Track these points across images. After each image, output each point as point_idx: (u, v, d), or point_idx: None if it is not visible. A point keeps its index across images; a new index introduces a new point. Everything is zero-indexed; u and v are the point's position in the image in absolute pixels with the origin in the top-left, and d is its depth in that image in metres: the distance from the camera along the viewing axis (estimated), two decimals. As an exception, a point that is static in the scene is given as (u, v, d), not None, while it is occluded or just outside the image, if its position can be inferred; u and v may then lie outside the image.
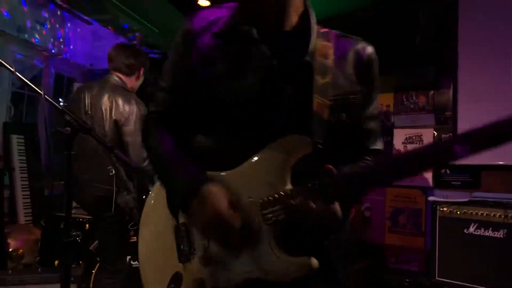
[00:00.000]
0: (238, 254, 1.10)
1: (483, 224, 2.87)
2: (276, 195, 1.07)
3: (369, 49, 1.21)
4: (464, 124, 3.60)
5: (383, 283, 3.29)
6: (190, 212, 1.11)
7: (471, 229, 2.91)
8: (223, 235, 1.08)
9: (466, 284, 2.84)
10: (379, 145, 1.28)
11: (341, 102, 1.15)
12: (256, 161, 1.12)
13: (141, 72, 3.06)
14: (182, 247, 1.18)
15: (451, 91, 3.76)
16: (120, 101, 2.80)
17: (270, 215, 1.07)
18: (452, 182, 3.73)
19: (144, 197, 3.60)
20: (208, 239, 1.13)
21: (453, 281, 2.89)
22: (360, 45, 1.21)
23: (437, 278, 2.95)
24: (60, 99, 5.61)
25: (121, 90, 2.89)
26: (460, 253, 2.90)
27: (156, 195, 1.32)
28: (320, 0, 1.40)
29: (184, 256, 1.18)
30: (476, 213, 2.92)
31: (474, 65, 3.59)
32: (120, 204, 2.80)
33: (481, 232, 2.87)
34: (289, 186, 1.08)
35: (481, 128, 0.92)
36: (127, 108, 2.79)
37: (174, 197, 1.19)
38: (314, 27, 1.18)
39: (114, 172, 2.76)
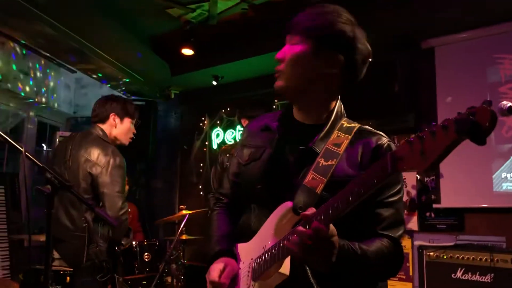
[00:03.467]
0: None
1: (470, 268, 2.86)
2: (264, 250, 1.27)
3: (382, 140, 1.33)
4: (446, 166, 3.65)
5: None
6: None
7: (459, 274, 2.89)
8: None
9: (457, 331, 2.80)
10: (390, 232, 1.28)
11: (340, 182, 1.19)
12: (259, 232, 1.34)
13: (112, 118, 3.02)
14: None
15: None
16: (96, 153, 2.80)
17: (258, 268, 1.28)
18: (437, 226, 3.74)
19: (116, 248, 3.53)
20: None
21: (443, 328, 2.85)
22: (375, 137, 1.34)
23: (427, 326, 2.90)
24: (43, 145, 5.57)
25: (100, 141, 2.90)
26: (449, 299, 2.87)
27: None
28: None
29: None
30: (463, 257, 2.91)
31: (452, 110, 3.67)
32: (91, 255, 2.76)
33: (468, 276, 2.86)
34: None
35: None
36: (102, 159, 2.78)
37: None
38: (331, 122, 1.37)
39: (86, 223, 2.74)
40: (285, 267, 1.19)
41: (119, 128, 3.09)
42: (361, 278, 1.27)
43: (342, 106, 1.44)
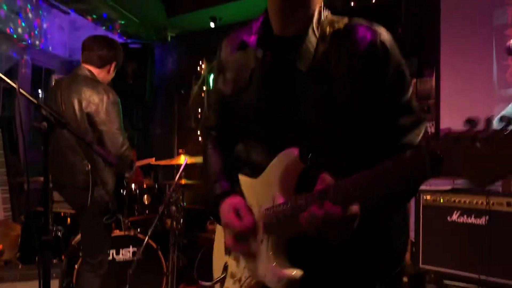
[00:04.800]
0: (250, 258, 1.24)
1: (466, 211, 2.90)
2: (275, 207, 1.16)
3: (374, 35, 1.14)
4: (447, 111, 3.62)
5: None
6: (220, 217, 1.30)
7: (454, 217, 2.93)
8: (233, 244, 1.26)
9: (450, 271, 2.88)
10: (414, 139, 1.14)
11: (340, 106, 1.13)
12: (264, 174, 1.24)
13: (113, 65, 2.99)
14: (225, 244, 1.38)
15: (433, 80, 3.78)
16: (88, 93, 2.75)
17: (271, 225, 1.17)
18: (435, 170, 3.76)
19: (122, 190, 3.57)
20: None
21: (437, 268, 2.92)
22: (366, 32, 1.15)
23: (421, 266, 2.97)
24: (39, 91, 5.49)
25: (90, 81, 2.84)
26: (444, 240, 2.93)
27: None
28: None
29: (227, 251, 1.39)
30: (459, 201, 2.94)
31: (456, 56, 3.60)
32: (96, 198, 2.78)
33: (464, 219, 2.90)
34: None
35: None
36: (96, 98, 2.75)
37: (210, 208, 1.39)
38: (312, 34, 1.19)
39: (89, 167, 2.74)
40: None
41: (110, 75, 3.03)
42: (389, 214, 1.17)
43: (325, 10, 1.24)
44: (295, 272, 1.10)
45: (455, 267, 2.85)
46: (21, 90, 1.56)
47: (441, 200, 3.02)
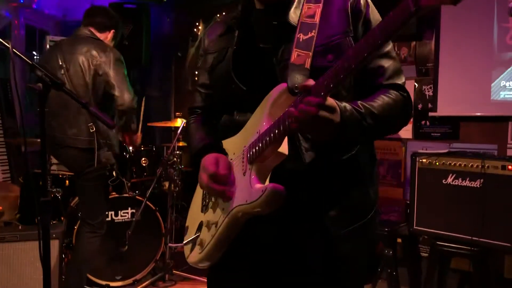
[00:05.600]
0: (231, 195, 1.26)
1: (461, 174, 2.92)
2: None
3: None
4: (445, 74, 3.60)
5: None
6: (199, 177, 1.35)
7: (449, 180, 2.96)
8: (214, 194, 1.32)
9: (443, 232, 2.93)
10: (396, 80, 1.26)
11: (326, 47, 1.21)
12: (249, 120, 1.29)
13: (111, 32, 3.08)
14: (203, 201, 1.45)
15: (433, 42, 3.73)
16: (94, 51, 2.82)
17: (254, 151, 1.19)
18: (432, 134, 3.78)
19: (124, 153, 3.59)
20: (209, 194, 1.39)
21: (430, 230, 2.97)
22: None
23: (415, 227, 3.02)
24: (34, 53, 5.41)
25: (93, 40, 2.91)
26: (438, 203, 2.97)
27: None
28: None
29: (203, 207, 1.44)
30: (455, 164, 2.96)
31: (456, 17, 3.55)
32: (101, 160, 2.82)
33: (458, 182, 2.93)
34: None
35: None
36: (103, 55, 2.82)
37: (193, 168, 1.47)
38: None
39: (95, 128, 2.77)
40: (284, 147, 1.15)
41: (110, 42, 3.10)
42: (371, 136, 1.28)
43: None
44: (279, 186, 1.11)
45: (448, 229, 2.90)
46: (14, 51, 1.54)
47: (437, 163, 3.04)
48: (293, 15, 1.27)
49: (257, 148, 1.18)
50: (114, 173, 3.11)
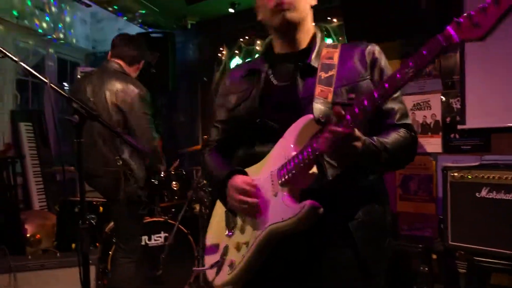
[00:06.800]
0: (262, 215, 1.34)
1: (495, 187, 2.86)
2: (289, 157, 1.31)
3: (371, 46, 1.46)
4: (473, 86, 3.55)
5: (397, 251, 3.32)
6: (227, 199, 1.45)
7: (483, 193, 2.90)
8: (247, 211, 1.38)
9: (479, 247, 2.86)
10: (406, 121, 1.42)
11: (346, 86, 1.38)
12: (274, 149, 1.39)
13: (141, 64, 3.11)
14: (229, 225, 1.53)
15: (458, 55, 3.70)
16: (120, 86, 2.82)
17: (286, 173, 1.29)
18: (462, 147, 3.71)
19: (152, 180, 3.63)
20: (242, 214, 1.44)
21: (466, 245, 2.90)
22: (363, 45, 1.46)
23: (450, 243, 2.96)
24: (65, 84, 5.61)
25: (120, 74, 2.91)
26: (473, 217, 2.90)
27: None
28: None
29: (229, 230, 1.51)
30: (488, 177, 2.91)
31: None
32: (127, 192, 2.84)
33: (493, 195, 2.87)
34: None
35: None
36: (127, 92, 2.81)
37: (216, 192, 1.54)
38: (319, 43, 1.50)
39: (121, 162, 2.80)
40: (313, 169, 1.27)
41: (137, 72, 3.12)
42: (382, 167, 1.39)
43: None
44: (314, 203, 1.20)
45: (486, 243, 2.83)
46: (52, 85, 1.61)
47: (469, 176, 2.99)
48: (314, 59, 1.45)
49: (288, 170, 1.28)
50: (143, 202, 3.12)
